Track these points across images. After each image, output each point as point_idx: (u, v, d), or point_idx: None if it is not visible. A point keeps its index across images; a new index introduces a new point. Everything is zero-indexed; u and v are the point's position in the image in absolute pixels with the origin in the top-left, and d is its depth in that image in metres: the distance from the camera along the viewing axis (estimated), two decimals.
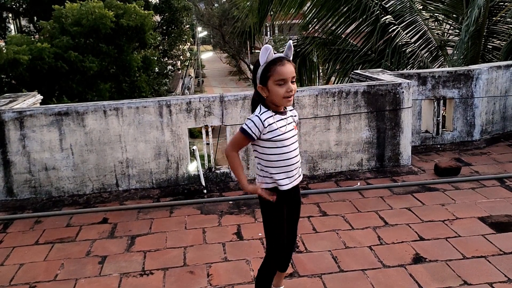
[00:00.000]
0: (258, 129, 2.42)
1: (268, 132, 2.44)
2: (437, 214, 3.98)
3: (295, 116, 2.60)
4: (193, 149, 4.76)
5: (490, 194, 4.34)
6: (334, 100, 4.80)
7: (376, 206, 4.21)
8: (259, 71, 2.42)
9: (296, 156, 2.55)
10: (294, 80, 2.42)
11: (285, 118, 2.50)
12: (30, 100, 5.05)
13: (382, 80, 5.06)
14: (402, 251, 3.41)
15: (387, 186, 4.60)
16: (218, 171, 4.82)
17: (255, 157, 2.57)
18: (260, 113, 2.44)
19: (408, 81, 4.96)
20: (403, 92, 4.87)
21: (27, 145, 4.42)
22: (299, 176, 2.61)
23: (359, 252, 3.44)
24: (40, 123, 4.40)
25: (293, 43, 9.32)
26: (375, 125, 4.91)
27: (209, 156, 4.89)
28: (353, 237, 3.65)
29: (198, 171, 4.74)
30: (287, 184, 2.53)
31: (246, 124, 2.44)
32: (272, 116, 2.45)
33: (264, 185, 2.54)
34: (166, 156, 4.64)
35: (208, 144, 4.84)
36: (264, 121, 2.42)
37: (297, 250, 3.49)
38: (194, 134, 14.59)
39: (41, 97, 5.39)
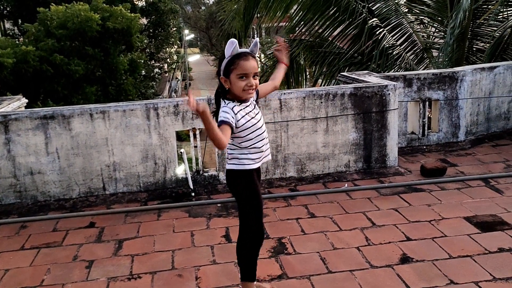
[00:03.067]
0: (232, 117, 2.53)
1: (240, 118, 2.56)
2: (423, 214, 4.02)
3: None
4: (181, 152, 4.74)
5: (475, 194, 4.39)
6: (321, 102, 4.83)
7: (364, 207, 4.24)
8: (223, 63, 2.54)
9: (265, 133, 2.71)
10: (257, 76, 2.55)
11: (249, 105, 2.63)
12: (15, 104, 4.99)
13: (369, 82, 5.10)
14: (389, 252, 3.44)
15: (374, 187, 4.63)
16: (206, 174, 4.81)
17: (228, 148, 2.67)
18: (226, 104, 2.57)
19: (394, 83, 5.00)
20: (389, 94, 4.92)
21: (12, 149, 4.36)
22: (269, 154, 2.79)
23: (347, 253, 3.45)
24: (25, 127, 4.35)
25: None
26: (362, 126, 4.95)
27: (197, 159, 4.89)
28: (341, 238, 3.67)
29: (186, 174, 4.72)
30: (258, 161, 2.70)
31: (221, 116, 2.53)
32: (236, 105, 2.57)
33: (238, 166, 2.67)
34: (154, 159, 4.62)
35: (196, 147, 4.83)
36: (232, 109, 2.55)
37: (285, 252, 3.50)
38: (181, 137, 14.54)
39: (26, 100, 5.33)
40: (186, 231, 3.92)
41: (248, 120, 2.59)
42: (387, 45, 8.89)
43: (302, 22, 9.85)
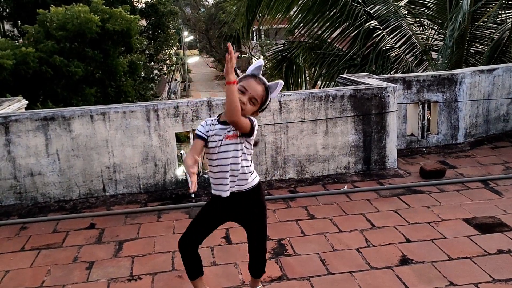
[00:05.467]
0: (203, 127, 2.57)
1: (210, 133, 2.54)
2: (423, 216, 4.03)
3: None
4: (181, 154, 4.75)
5: (474, 196, 4.41)
6: (321, 104, 4.84)
7: (363, 208, 4.25)
8: (242, 76, 2.56)
9: (229, 164, 2.52)
10: (255, 102, 2.47)
11: (224, 128, 2.51)
12: (15, 105, 5.00)
13: (368, 84, 5.12)
14: (389, 253, 3.45)
15: (374, 189, 4.64)
16: (205, 175, 4.82)
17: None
18: (207, 119, 2.63)
19: (394, 85, 5.02)
20: (388, 96, 4.93)
21: (12, 150, 4.37)
22: (238, 186, 2.58)
23: (347, 255, 3.46)
24: (25, 128, 4.35)
25: (279, 47, 9.32)
26: (362, 128, 4.96)
27: None
28: (341, 240, 3.68)
29: (185, 175, 4.73)
30: (217, 190, 2.59)
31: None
32: (211, 127, 2.54)
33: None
34: (154, 160, 4.63)
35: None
36: (207, 121, 2.59)
37: (285, 253, 3.51)
38: (180, 138, 14.53)
39: (26, 102, 5.34)
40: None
41: (214, 141, 2.53)
42: (386, 47, 8.91)
43: (302, 24, 9.87)
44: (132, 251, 3.64)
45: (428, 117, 6.01)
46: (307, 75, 11.87)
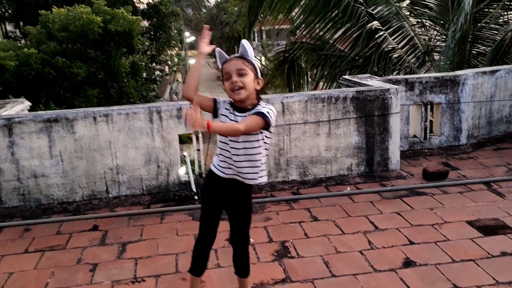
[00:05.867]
0: (221, 104, 2.55)
1: (222, 111, 2.53)
2: (426, 218, 4.03)
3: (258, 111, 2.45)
4: (184, 155, 4.75)
5: (477, 198, 4.40)
6: (324, 106, 4.84)
7: (366, 210, 4.25)
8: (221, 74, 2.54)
9: (235, 156, 2.50)
10: (245, 74, 2.41)
11: (241, 116, 2.47)
12: (19, 107, 5.01)
13: (371, 85, 5.12)
14: (392, 255, 3.45)
15: (377, 191, 4.64)
16: None
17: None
18: (226, 100, 2.57)
19: (396, 86, 5.02)
20: (391, 97, 4.93)
21: (16, 152, 4.38)
22: (236, 175, 2.57)
23: (350, 257, 3.46)
24: (29, 130, 4.36)
25: (281, 48, 9.34)
26: (364, 130, 4.96)
27: (199, 162, 4.90)
28: (344, 242, 3.68)
29: (189, 177, 4.74)
30: (217, 169, 2.59)
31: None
32: (228, 109, 2.52)
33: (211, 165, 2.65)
34: (157, 162, 4.63)
35: (198, 150, 4.84)
36: (224, 101, 2.55)
37: (288, 255, 3.52)
38: (182, 139, 14.53)
39: (30, 103, 5.35)
40: (189, 234, 3.93)
41: (225, 116, 2.51)
42: (389, 48, 8.91)
43: (304, 25, 9.88)
44: (135, 253, 3.65)
45: (431, 119, 6.01)
46: (309, 76, 11.87)
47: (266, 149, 2.57)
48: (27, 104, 5.28)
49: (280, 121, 4.76)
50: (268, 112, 2.41)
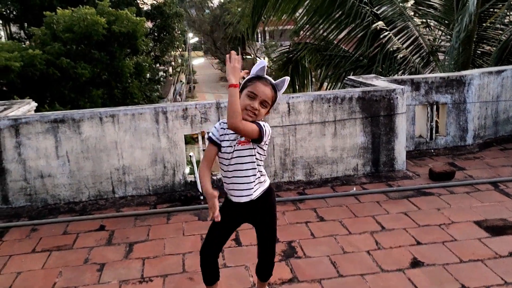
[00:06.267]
0: (217, 131, 2.52)
1: (222, 140, 2.50)
2: (433, 218, 4.02)
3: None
4: (190, 156, 4.76)
5: (484, 198, 4.39)
6: (329, 106, 4.84)
7: (373, 211, 4.24)
8: (246, 78, 2.50)
9: (245, 170, 2.50)
10: (266, 105, 2.44)
11: (234, 134, 2.46)
12: (25, 108, 5.03)
13: (376, 86, 5.11)
14: (400, 256, 3.44)
15: (383, 191, 4.63)
16: (214, 177, 4.82)
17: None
18: (221, 122, 2.55)
19: (402, 86, 5.01)
20: (397, 97, 4.92)
21: (23, 152, 4.39)
22: (253, 192, 2.55)
23: (357, 257, 3.46)
24: (35, 131, 4.38)
25: (285, 49, 9.31)
26: (370, 130, 4.95)
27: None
28: (351, 242, 3.68)
29: (194, 177, 4.74)
30: (234, 196, 2.56)
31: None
32: (224, 132, 2.49)
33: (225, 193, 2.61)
34: (163, 162, 4.64)
35: (204, 150, 4.84)
36: (220, 123, 2.53)
37: (295, 255, 3.51)
38: (186, 139, 14.55)
39: (36, 104, 5.37)
40: (196, 234, 3.93)
41: (227, 146, 2.49)
42: (394, 48, 8.89)
43: (308, 25, 9.87)
44: (142, 253, 3.65)
45: (436, 119, 5.99)
46: (312, 77, 11.86)
47: (259, 165, 2.54)
48: (34, 104, 5.29)
49: (286, 122, 4.76)
50: (264, 125, 2.45)
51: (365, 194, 4.61)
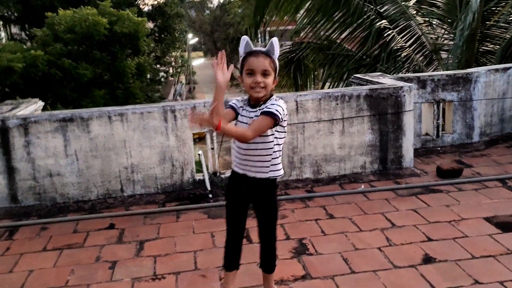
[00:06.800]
0: (238, 103, 2.59)
1: (240, 114, 2.57)
2: (442, 215, 4.02)
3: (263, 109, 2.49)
4: (199, 154, 4.76)
5: (493, 194, 4.39)
6: (337, 104, 4.84)
7: (382, 208, 4.24)
8: (240, 61, 2.53)
9: (261, 149, 2.52)
10: (268, 74, 2.43)
11: (252, 112, 2.51)
12: (32, 107, 5.03)
13: (384, 83, 5.11)
14: (411, 252, 3.44)
15: (392, 188, 4.64)
16: (223, 176, 4.83)
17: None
18: (239, 99, 2.63)
19: (410, 84, 5.02)
20: (404, 95, 4.93)
21: (32, 151, 4.39)
22: (256, 172, 2.58)
23: (369, 254, 3.46)
24: (44, 130, 4.38)
25: (287, 48, 9.29)
26: (378, 128, 4.96)
27: (214, 160, 4.90)
28: (362, 239, 3.68)
29: (203, 175, 4.74)
30: (238, 169, 2.62)
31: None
32: (243, 107, 2.56)
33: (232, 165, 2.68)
34: (171, 161, 4.64)
35: (212, 148, 4.85)
36: (238, 103, 2.59)
37: (307, 252, 3.51)
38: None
39: (43, 103, 5.38)
40: (206, 232, 3.93)
41: (245, 122, 2.53)
42: (397, 47, 8.90)
43: (310, 25, 9.87)
44: (153, 251, 3.65)
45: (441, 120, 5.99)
46: (313, 76, 11.85)
47: (278, 144, 2.56)
48: (41, 104, 5.30)
49: (294, 120, 4.76)
50: (277, 110, 2.44)
51: (373, 191, 4.61)
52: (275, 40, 2.47)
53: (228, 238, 2.78)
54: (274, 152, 2.56)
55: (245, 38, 2.47)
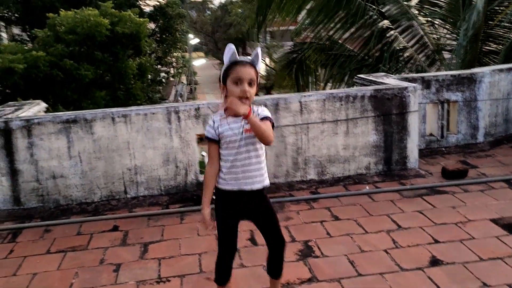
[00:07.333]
0: (211, 126, 2.51)
1: (221, 133, 2.48)
2: (449, 216, 3.99)
3: (258, 115, 2.49)
4: (203, 155, 4.73)
5: (499, 195, 4.36)
6: (342, 105, 4.81)
7: (387, 209, 4.21)
8: (222, 70, 2.50)
9: (257, 157, 2.51)
10: (253, 84, 2.43)
11: (239, 121, 2.47)
12: (35, 108, 5.00)
13: (388, 84, 5.08)
14: (418, 254, 3.42)
15: (397, 190, 4.61)
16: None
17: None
18: (214, 114, 2.56)
19: (414, 84, 4.99)
20: (409, 95, 4.90)
21: (35, 153, 4.37)
22: (253, 183, 2.54)
23: (375, 256, 3.43)
24: (48, 131, 4.35)
25: (288, 49, 9.28)
26: (382, 129, 4.92)
27: None
28: (368, 241, 3.65)
29: None
30: (231, 186, 2.53)
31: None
32: (220, 123, 2.49)
33: (219, 185, 2.59)
34: (175, 162, 4.61)
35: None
36: (213, 120, 2.52)
37: (313, 254, 3.49)
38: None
39: (46, 105, 5.35)
40: (211, 234, 3.89)
41: (231, 135, 2.46)
42: (400, 47, 8.87)
43: (313, 25, 9.84)
44: (158, 253, 3.63)
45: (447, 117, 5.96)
46: (314, 77, 11.82)
47: (263, 150, 2.57)
48: (43, 105, 5.27)
49: (298, 120, 4.73)
50: (270, 115, 2.51)
51: (378, 192, 4.58)
52: (259, 50, 2.48)
53: (222, 255, 2.68)
54: (263, 159, 2.57)
55: (230, 47, 2.45)
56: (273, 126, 2.50)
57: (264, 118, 2.46)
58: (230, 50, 2.45)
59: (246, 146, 2.48)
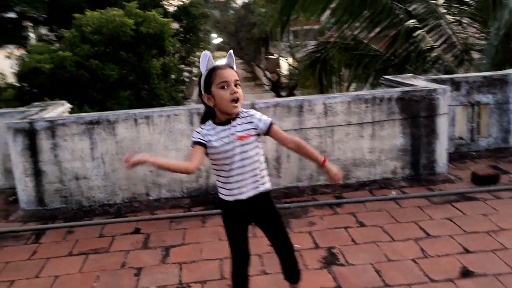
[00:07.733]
0: (200, 133, 2.42)
1: (209, 141, 2.39)
2: (480, 224, 3.83)
3: (251, 122, 2.43)
4: None
5: None
6: (367, 107, 4.68)
7: (415, 216, 4.07)
8: (202, 79, 2.38)
9: (252, 163, 2.44)
10: (239, 84, 2.36)
11: (228, 130, 2.39)
12: (60, 109, 5.04)
13: (416, 85, 4.93)
14: (448, 264, 3.28)
15: (425, 195, 4.45)
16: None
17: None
18: (201, 126, 2.46)
19: (444, 86, 4.82)
20: (438, 98, 4.74)
21: (59, 154, 4.39)
22: (252, 190, 2.48)
23: (403, 265, 3.31)
24: (71, 132, 4.37)
25: (312, 48, 9.15)
26: (410, 132, 4.78)
27: None
28: (395, 249, 3.53)
29: None
30: (233, 197, 2.48)
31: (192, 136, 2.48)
32: (210, 133, 2.39)
33: (220, 195, 2.56)
34: None
35: None
36: (202, 128, 2.43)
37: (337, 262, 3.39)
38: None
39: (70, 105, 5.40)
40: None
41: (222, 145, 2.39)
42: (427, 47, 8.64)
43: (337, 24, 9.69)
44: (179, 258, 3.58)
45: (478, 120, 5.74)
46: (337, 77, 11.66)
47: (263, 154, 2.54)
48: (68, 106, 5.31)
49: (323, 123, 4.63)
50: (270, 118, 2.49)
51: (405, 198, 4.44)
52: (231, 52, 2.43)
53: (236, 264, 2.64)
54: (261, 163, 2.51)
55: (206, 54, 2.36)
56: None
57: (271, 124, 2.45)
58: (206, 57, 2.36)
59: (241, 154, 2.41)
